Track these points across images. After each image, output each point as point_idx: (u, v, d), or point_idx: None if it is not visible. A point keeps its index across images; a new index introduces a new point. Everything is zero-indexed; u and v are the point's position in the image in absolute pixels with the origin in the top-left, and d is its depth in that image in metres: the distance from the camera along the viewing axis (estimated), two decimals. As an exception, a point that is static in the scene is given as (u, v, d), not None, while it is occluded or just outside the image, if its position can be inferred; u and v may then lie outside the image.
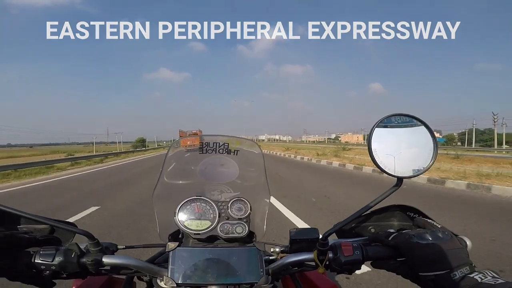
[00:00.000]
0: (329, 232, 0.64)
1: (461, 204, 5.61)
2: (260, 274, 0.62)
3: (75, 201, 6.23)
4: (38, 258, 0.56)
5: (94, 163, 18.00)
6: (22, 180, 10.49)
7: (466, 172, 8.90)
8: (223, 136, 0.74)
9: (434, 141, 0.60)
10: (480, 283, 0.48)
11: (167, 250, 0.62)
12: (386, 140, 0.60)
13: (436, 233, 0.59)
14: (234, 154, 0.75)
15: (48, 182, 9.76)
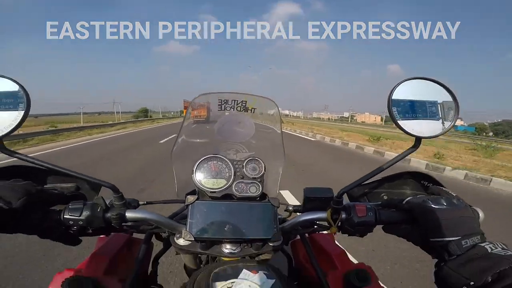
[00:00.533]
0: (344, 190, 0.64)
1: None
2: (274, 231, 0.64)
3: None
4: (67, 213, 0.58)
5: (78, 137, 13.94)
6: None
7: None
8: (242, 93, 0.74)
9: (455, 104, 0.59)
10: (490, 253, 0.49)
11: (187, 203, 0.64)
12: (407, 101, 0.59)
13: (451, 199, 0.60)
14: (251, 112, 0.76)
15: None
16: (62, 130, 15.91)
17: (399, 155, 0.62)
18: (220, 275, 0.55)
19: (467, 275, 0.48)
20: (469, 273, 0.48)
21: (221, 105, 0.74)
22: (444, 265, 0.53)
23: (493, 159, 9.19)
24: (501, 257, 0.47)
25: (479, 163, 8.01)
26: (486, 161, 8.64)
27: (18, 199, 0.52)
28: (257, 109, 0.76)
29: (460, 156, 9.70)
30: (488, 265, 0.47)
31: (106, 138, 13.84)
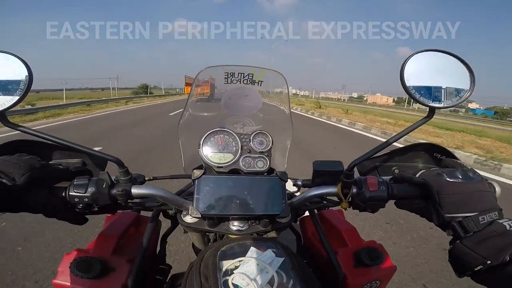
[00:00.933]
0: (355, 163, 0.62)
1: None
2: (282, 206, 0.62)
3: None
4: (72, 190, 0.57)
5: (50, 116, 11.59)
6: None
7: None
8: (248, 66, 0.73)
9: (471, 74, 0.57)
10: (508, 230, 0.46)
11: (193, 177, 0.62)
12: (420, 72, 0.57)
13: (466, 172, 0.56)
14: (258, 85, 0.74)
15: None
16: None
17: (412, 125, 0.59)
18: (227, 253, 0.54)
19: (484, 254, 0.46)
20: (486, 252, 0.46)
21: (227, 78, 0.72)
22: (460, 243, 0.50)
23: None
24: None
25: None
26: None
27: (22, 175, 0.51)
28: (264, 82, 0.74)
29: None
30: (507, 243, 0.44)
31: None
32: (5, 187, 0.49)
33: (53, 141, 0.57)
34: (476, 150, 6.92)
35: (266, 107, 0.78)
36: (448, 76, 0.58)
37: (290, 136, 0.79)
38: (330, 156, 5.63)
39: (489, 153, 6.49)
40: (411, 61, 0.57)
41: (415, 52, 0.58)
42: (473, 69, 0.57)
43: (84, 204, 0.58)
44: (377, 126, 10.77)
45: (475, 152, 6.56)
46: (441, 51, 0.58)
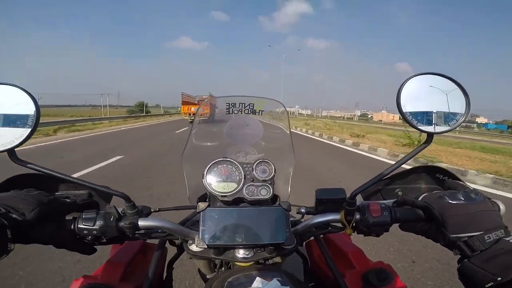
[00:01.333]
0: (356, 191, 0.63)
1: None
2: (286, 235, 0.63)
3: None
4: (81, 223, 0.59)
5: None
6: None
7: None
8: (249, 96, 0.75)
9: (466, 98, 0.58)
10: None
11: (198, 210, 0.64)
12: (416, 97, 0.58)
13: (468, 193, 0.57)
14: (259, 114, 0.76)
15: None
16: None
17: (412, 152, 0.60)
18: (234, 284, 0.55)
19: (494, 271, 0.46)
20: (495, 269, 0.46)
21: (229, 108, 0.75)
22: (468, 261, 0.51)
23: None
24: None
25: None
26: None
27: (31, 210, 0.53)
28: (265, 111, 0.76)
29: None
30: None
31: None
32: (16, 222, 0.50)
33: (60, 177, 0.59)
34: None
35: (267, 136, 0.80)
36: (444, 100, 0.59)
37: (292, 163, 0.80)
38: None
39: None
40: (407, 85, 0.58)
41: (411, 77, 0.59)
42: (468, 92, 0.58)
43: (92, 236, 0.60)
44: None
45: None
46: (435, 74, 0.60)
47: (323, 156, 8.71)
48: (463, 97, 0.58)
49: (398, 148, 9.65)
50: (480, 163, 7.39)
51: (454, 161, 7.61)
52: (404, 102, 0.57)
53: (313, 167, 6.48)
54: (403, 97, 0.57)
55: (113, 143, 10.09)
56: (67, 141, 10.76)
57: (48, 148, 8.87)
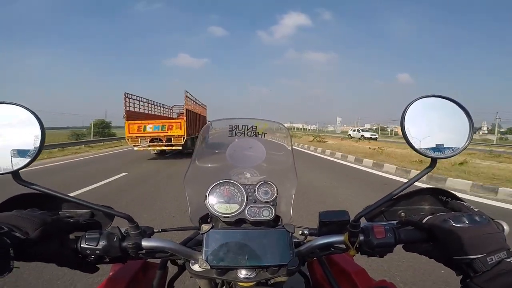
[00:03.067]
0: (360, 214, 0.63)
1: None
2: (290, 256, 0.63)
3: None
4: (84, 242, 0.59)
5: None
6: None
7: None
8: (251, 118, 0.75)
9: (469, 121, 0.58)
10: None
11: (202, 232, 0.64)
12: (420, 120, 0.58)
13: (473, 216, 0.57)
14: (261, 136, 0.76)
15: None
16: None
17: (416, 176, 0.60)
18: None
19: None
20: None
21: (231, 130, 0.75)
22: (470, 282, 0.52)
23: None
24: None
25: None
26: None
27: (34, 229, 0.53)
28: (267, 133, 0.76)
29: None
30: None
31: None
32: (19, 241, 0.51)
33: (63, 198, 0.60)
34: None
35: (270, 157, 0.80)
36: (448, 123, 0.59)
37: (294, 184, 0.80)
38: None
39: None
40: (411, 109, 0.58)
41: (414, 100, 0.59)
42: (471, 115, 0.58)
43: (95, 256, 0.60)
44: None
45: None
46: (439, 97, 0.60)
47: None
48: (466, 120, 0.58)
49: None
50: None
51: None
52: (408, 125, 0.57)
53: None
54: (407, 121, 0.57)
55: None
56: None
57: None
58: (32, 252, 0.54)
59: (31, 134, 0.52)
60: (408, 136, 0.57)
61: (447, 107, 0.59)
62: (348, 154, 11.80)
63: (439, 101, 0.60)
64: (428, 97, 0.59)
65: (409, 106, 0.58)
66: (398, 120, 0.59)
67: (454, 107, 0.59)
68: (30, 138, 0.52)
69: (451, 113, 0.59)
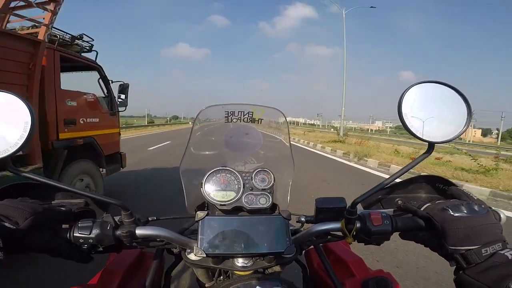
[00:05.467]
0: (357, 200, 0.63)
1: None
2: (286, 244, 0.62)
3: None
4: (76, 231, 0.58)
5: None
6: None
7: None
8: (248, 104, 0.74)
9: (467, 107, 0.58)
10: (510, 260, 0.47)
11: (197, 219, 0.63)
12: (417, 106, 0.58)
13: (472, 206, 0.57)
14: (258, 123, 0.75)
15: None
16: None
17: (413, 162, 0.60)
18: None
19: (487, 283, 0.47)
20: (489, 281, 0.47)
21: (227, 117, 0.73)
22: (463, 273, 0.52)
23: None
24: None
25: None
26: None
27: (24, 219, 0.52)
28: (264, 119, 0.75)
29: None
30: (509, 272, 0.46)
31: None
32: (8, 231, 0.49)
33: (55, 186, 0.58)
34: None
35: (267, 145, 0.79)
36: (446, 109, 0.59)
37: (291, 172, 0.79)
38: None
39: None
40: (408, 94, 0.58)
41: (412, 85, 0.59)
42: (469, 101, 0.58)
43: (88, 245, 0.59)
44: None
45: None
46: (437, 82, 0.59)
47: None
48: (464, 106, 0.58)
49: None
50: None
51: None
52: (406, 111, 0.57)
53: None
54: (404, 106, 0.57)
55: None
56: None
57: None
58: (23, 243, 0.53)
59: (22, 120, 0.51)
60: (406, 121, 0.57)
61: (445, 93, 0.59)
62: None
63: (437, 87, 0.59)
64: (426, 83, 0.59)
65: (406, 91, 0.58)
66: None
67: (452, 93, 0.59)
68: (20, 125, 0.51)
69: (449, 99, 0.59)
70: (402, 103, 0.57)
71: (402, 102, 0.57)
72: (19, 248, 0.53)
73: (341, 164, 9.40)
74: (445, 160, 9.16)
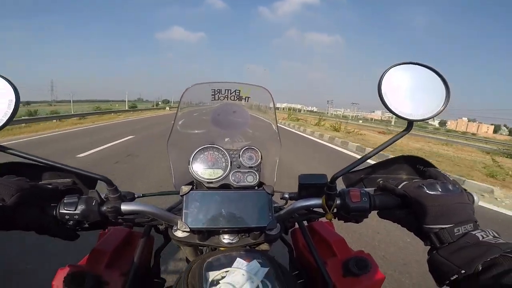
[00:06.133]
0: (336, 175, 0.64)
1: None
2: (269, 219, 0.64)
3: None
4: (62, 208, 0.58)
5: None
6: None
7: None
8: (235, 82, 0.74)
9: (446, 88, 0.59)
10: (481, 241, 0.49)
11: (181, 193, 0.64)
12: (398, 86, 0.60)
13: (446, 185, 0.59)
14: (245, 101, 0.76)
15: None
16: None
17: (391, 138, 0.62)
18: (214, 264, 0.55)
19: (458, 264, 0.48)
20: (460, 262, 0.48)
21: (214, 95, 0.74)
22: (436, 253, 0.53)
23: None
24: (491, 245, 0.47)
25: None
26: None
27: (11, 195, 0.52)
28: (251, 97, 0.76)
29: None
30: (479, 253, 0.46)
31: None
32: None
33: (43, 162, 0.58)
34: None
35: (254, 123, 0.80)
36: (425, 89, 0.61)
37: (278, 150, 0.81)
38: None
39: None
40: (388, 74, 0.59)
41: (392, 66, 0.60)
42: (448, 82, 0.60)
43: (74, 221, 0.59)
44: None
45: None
46: (417, 64, 0.61)
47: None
48: (443, 87, 0.59)
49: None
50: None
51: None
52: (385, 90, 0.59)
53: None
54: (384, 85, 0.59)
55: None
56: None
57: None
58: (9, 220, 0.53)
59: (6, 99, 0.52)
60: (385, 100, 0.58)
61: (424, 74, 0.61)
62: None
63: (417, 68, 0.61)
64: (406, 64, 0.61)
65: (386, 72, 0.59)
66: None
67: (431, 74, 0.60)
68: (4, 103, 0.52)
69: (428, 80, 0.60)
70: (382, 82, 0.58)
71: (382, 82, 0.58)
72: (6, 225, 0.53)
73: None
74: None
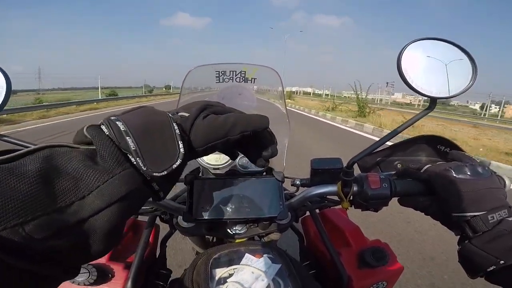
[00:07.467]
0: (354, 160, 0.59)
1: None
2: (280, 208, 0.59)
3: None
4: None
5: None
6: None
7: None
8: (240, 63, 0.70)
9: (472, 64, 0.54)
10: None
11: (185, 182, 0.61)
12: (419, 62, 0.55)
13: (476, 168, 0.52)
14: (251, 82, 0.71)
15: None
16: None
17: (414, 117, 0.56)
18: (221, 261, 0.52)
19: (496, 254, 0.43)
20: (497, 252, 0.43)
21: (219, 77, 0.70)
22: (469, 243, 0.48)
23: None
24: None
25: None
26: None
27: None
28: (258, 79, 0.71)
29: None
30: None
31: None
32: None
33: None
34: None
35: (262, 105, 0.76)
36: (448, 66, 0.55)
37: (287, 134, 0.77)
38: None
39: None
40: (408, 50, 0.54)
41: (412, 41, 0.55)
42: (474, 58, 0.54)
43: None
44: None
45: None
46: (440, 39, 0.56)
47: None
48: (469, 64, 0.54)
49: None
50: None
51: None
52: (406, 66, 0.54)
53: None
54: (404, 61, 0.53)
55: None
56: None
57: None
58: None
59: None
60: (406, 77, 0.53)
61: (448, 50, 0.55)
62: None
63: (438, 43, 0.56)
64: (428, 40, 0.55)
65: (406, 47, 0.54)
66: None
67: (456, 50, 0.55)
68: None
69: (453, 55, 0.55)
70: (401, 58, 0.53)
71: (402, 58, 0.53)
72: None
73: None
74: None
